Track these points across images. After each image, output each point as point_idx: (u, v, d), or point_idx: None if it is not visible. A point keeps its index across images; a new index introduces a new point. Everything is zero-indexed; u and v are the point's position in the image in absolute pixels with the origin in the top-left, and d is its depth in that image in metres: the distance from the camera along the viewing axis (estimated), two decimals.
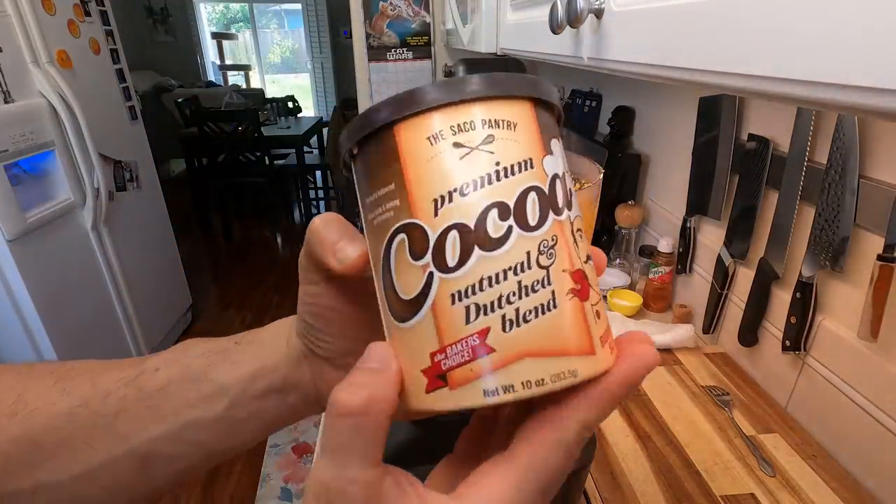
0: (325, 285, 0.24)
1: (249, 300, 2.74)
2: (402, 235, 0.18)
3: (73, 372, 0.29)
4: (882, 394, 0.60)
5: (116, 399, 0.27)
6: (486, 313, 0.17)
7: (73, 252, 1.67)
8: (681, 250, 1.00)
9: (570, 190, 0.20)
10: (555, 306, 0.18)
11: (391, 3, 2.07)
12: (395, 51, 2.15)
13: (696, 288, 0.99)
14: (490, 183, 0.18)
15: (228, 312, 2.64)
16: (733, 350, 0.87)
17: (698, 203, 0.94)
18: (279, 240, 3.65)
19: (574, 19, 0.47)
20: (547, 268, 0.18)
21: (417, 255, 0.18)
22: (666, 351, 0.89)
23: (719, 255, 0.88)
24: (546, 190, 0.18)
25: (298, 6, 5.77)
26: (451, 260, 0.17)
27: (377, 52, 2.15)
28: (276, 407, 0.28)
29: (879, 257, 0.57)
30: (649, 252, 1.06)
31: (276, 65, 6.68)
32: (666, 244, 1.00)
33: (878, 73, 0.20)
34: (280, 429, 0.29)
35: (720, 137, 0.88)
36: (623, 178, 1.17)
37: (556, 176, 0.19)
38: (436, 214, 0.18)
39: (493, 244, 0.17)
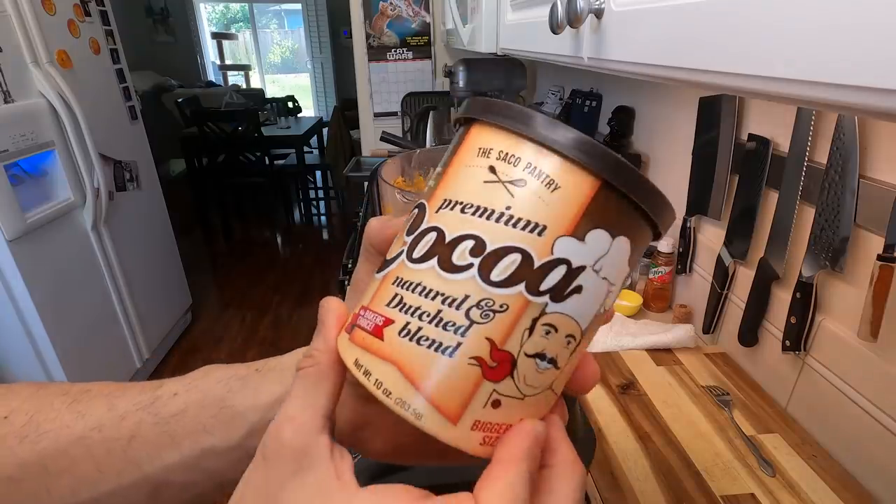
0: None
1: (249, 300, 2.74)
2: (416, 210, 0.20)
3: (89, 394, 0.28)
4: (882, 394, 0.60)
5: (131, 423, 0.26)
6: (401, 310, 0.18)
7: (73, 252, 1.67)
8: (681, 250, 1.00)
9: (580, 286, 0.18)
10: (449, 356, 0.17)
11: (391, 3, 2.07)
12: (395, 51, 2.15)
13: (696, 288, 0.99)
14: (488, 218, 0.17)
15: (228, 312, 2.64)
16: (733, 350, 0.87)
17: (698, 203, 0.94)
18: (279, 240, 3.65)
19: (574, 19, 0.47)
20: (472, 322, 0.17)
21: (409, 231, 0.19)
22: (666, 351, 0.89)
23: (719, 255, 0.88)
24: (536, 263, 0.17)
25: (298, 6, 5.77)
26: (416, 252, 0.19)
27: (377, 52, 2.15)
28: None
29: (879, 257, 0.57)
30: (649, 252, 1.06)
31: (276, 65, 6.68)
32: (666, 244, 1.00)
33: (878, 72, 0.20)
34: None
35: (720, 137, 0.88)
36: None
37: (563, 262, 0.17)
38: (437, 211, 0.19)
39: (448, 266, 0.18)
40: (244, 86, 5.83)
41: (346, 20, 2.29)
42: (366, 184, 1.65)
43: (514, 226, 0.17)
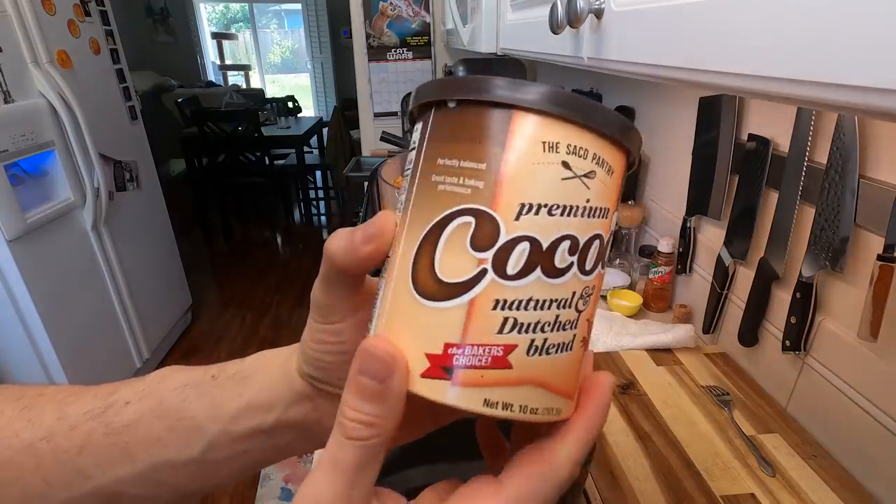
0: (347, 321, 0.22)
1: (249, 300, 2.74)
2: (471, 219, 0.17)
3: (42, 399, 0.27)
4: (882, 394, 0.60)
5: (82, 433, 0.25)
6: (519, 331, 0.17)
7: (73, 252, 1.67)
8: (681, 250, 1.00)
9: (610, 239, 0.20)
10: (570, 349, 0.19)
11: (391, 3, 2.07)
12: (395, 51, 2.15)
13: (696, 288, 0.99)
14: (575, 215, 0.18)
15: (228, 312, 2.64)
16: (733, 350, 0.87)
17: (698, 203, 0.94)
18: (279, 240, 3.65)
19: (574, 19, 0.47)
20: (580, 312, 0.19)
21: (478, 246, 0.17)
22: (666, 351, 0.89)
23: (719, 255, 0.88)
24: (606, 242, 0.19)
25: (298, 6, 5.77)
26: (512, 268, 0.17)
27: (377, 52, 2.15)
28: (263, 448, 0.25)
29: (879, 257, 0.57)
30: (649, 252, 1.06)
31: (276, 65, 6.68)
32: (666, 244, 1.00)
33: (877, 72, 0.20)
34: (265, 467, 0.27)
35: (720, 137, 0.88)
36: None
37: (612, 232, 0.20)
38: (517, 218, 0.17)
39: (554, 272, 0.17)
40: (244, 86, 5.83)
41: (346, 20, 2.29)
42: (366, 184, 1.65)
43: (593, 215, 0.18)
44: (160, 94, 4.65)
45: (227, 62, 6.04)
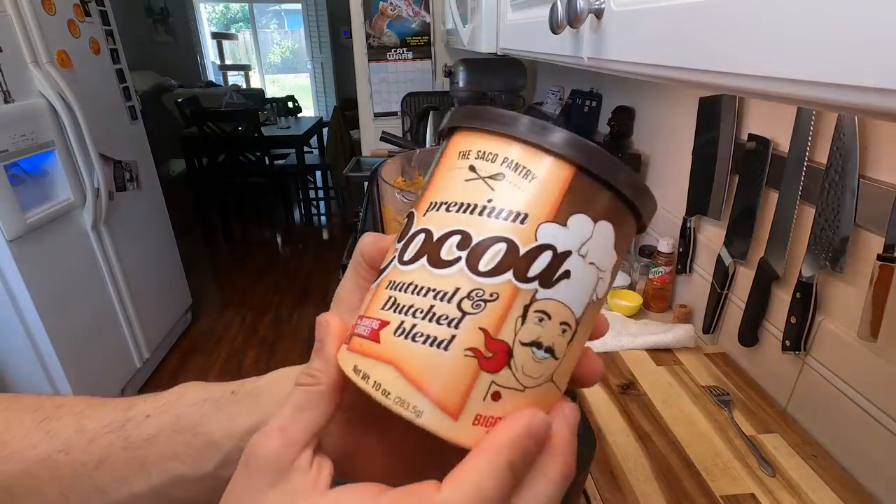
0: None
1: (249, 300, 2.74)
2: (406, 219, 0.21)
3: (61, 411, 0.27)
4: (882, 394, 0.60)
5: (100, 447, 0.25)
6: (395, 311, 0.18)
7: (73, 252, 1.67)
8: (681, 250, 1.00)
9: (567, 271, 0.18)
10: (445, 349, 0.17)
11: (391, 3, 2.07)
12: (395, 51, 2.15)
13: (696, 288, 0.99)
14: (471, 213, 0.18)
15: (228, 312, 2.64)
16: (733, 350, 0.87)
17: (698, 203, 0.94)
18: (279, 240, 3.65)
19: (574, 19, 0.47)
20: (465, 314, 0.17)
21: (400, 238, 0.20)
22: (666, 351, 0.89)
23: (719, 255, 0.88)
24: (521, 251, 0.17)
25: (298, 6, 5.77)
26: (407, 255, 0.19)
27: (377, 52, 2.15)
28: None
29: (879, 257, 0.57)
30: (649, 252, 1.06)
31: (276, 65, 6.68)
32: (666, 244, 1.00)
33: (877, 73, 0.20)
34: None
35: (720, 137, 0.88)
36: None
37: (548, 247, 0.18)
38: (424, 214, 0.20)
39: (437, 263, 0.18)
40: (244, 86, 5.83)
41: (346, 20, 2.29)
42: (366, 184, 1.64)
43: (497, 217, 0.18)
44: (160, 94, 4.65)
45: (227, 62, 6.04)
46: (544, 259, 0.18)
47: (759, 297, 0.79)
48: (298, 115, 4.34)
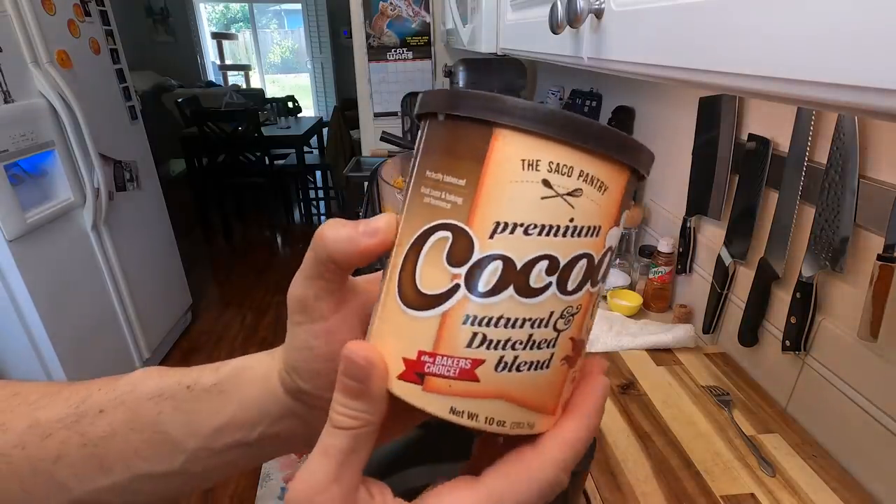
0: (332, 319, 0.21)
1: (249, 300, 2.74)
2: (448, 234, 0.18)
3: (14, 401, 0.26)
4: (882, 394, 0.60)
5: (57, 442, 0.24)
6: (488, 347, 0.17)
7: (73, 252, 1.67)
8: (681, 250, 1.00)
9: (610, 262, 0.19)
10: (547, 367, 0.18)
11: (391, 3, 2.07)
12: (395, 51, 2.15)
13: (696, 288, 0.99)
14: (555, 235, 0.17)
15: (228, 312, 2.64)
16: (733, 350, 0.87)
17: (698, 203, 0.94)
18: (279, 240, 3.65)
19: (574, 19, 0.47)
20: (560, 332, 0.18)
21: (453, 261, 0.17)
22: (666, 351, 0.89)
23: (719, 255, 0.88)
24: (596, 261, 0.18)
25: (298, 6, 5.77)
26: (483, 286, 0.17)
27: (377, 52, 2.15)
28: (249, 457, 0.25)
29: (879, 257, 0.57)
30: (649, 252, 1.06)
31: (276, 65, 6.68)
32: (666, 244, 1.00)
33: (878, 72, 0.20)
34: (254, 467, 0.27)
35: (720, 137, 0.88)
36: None
37: (609, 249, 0.19)
38: (491, 237, 0.17)
39: (527, 292, 0.17)
40: (244, 86, 5.82)
41: (346, 20, 2.29)
42: (366, 184, 1.64)
43: (579, 235, 0.18)
44: (160, 94, 4.65)
45: (227, 62, 6.04)
46: (606, 259, 0.19)
47: (759, 297, 0.79)
48: (298, 115, 4.34)
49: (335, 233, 0.20)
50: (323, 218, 4.07)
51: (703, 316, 0.93)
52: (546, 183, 0.17)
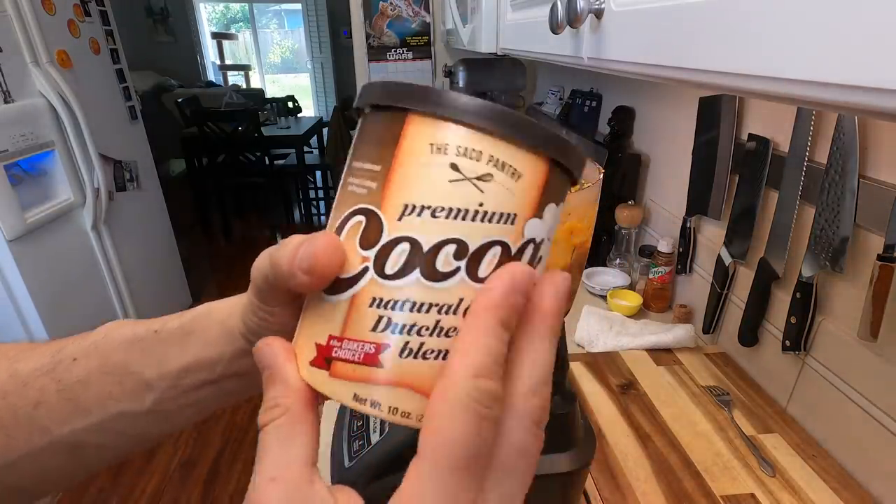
0: (287, 307, 0.22)
1: None
2: (362, 218, 0.18)
3: None
4: (882, 394, 0.60)
5: (35, 390, 0.26)
6: (393, 331, 0.17)
7: (73, 252, 1.67)
8: (681, 250, 1.00)
9: (540, 257, 0.19)
10: None
11: (391, 3, 2.07)
12: (395, 51, 2.15)
13: (696, 288, 0.99)
14: (463, 219, 0.17)
15: None
16: (733, 350, 0.87)
17: (698, 203, 0.94)
18: (279, 240, 3.60)
19: (574, 19, 0.47)
20: None
21: (364, 244, 0.18)
22: (666, 351, 0.89)
23: (719, 255, 0.88)
24: (513, 250, 0.18)
25: (298, 6, 5.77)
26: (391, 268, 0.17)
27: (377, 52, 2.15)
28: (214, 395, 0.26)
29: (879, 257, 0.57)
30: (649, 252, 1.06)
31: (276, 65, 6.68)
32: (666, 244, 1.00)
33: (877, 72, 0.20)
34: (224, 406, 0.28)
35: (720, 137, 0.88)
36: (623, 178, 1.17)
37: (531, 241, 0.18)
38: (399, 219, 0.17)
39: (434, 276, 0.17)
40: (244, 86, 5.82)
41: (346, 20, 2.29)
42: None
43: (490, 220, 0.17)
44: (160, 94, 4.65)
45: (227, 62, 6.04)
46: (528, 252, 0.18)
47: (759, 297, 0.79)
48: (298, 115, 4.34)
49: (274, 262, 0.20)
50: (323, 218, 4.07)
51: (703, 316, 0.93)
52: (454, 167, 0.17)
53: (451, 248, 0.17)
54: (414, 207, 0.17)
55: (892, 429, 0.59)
